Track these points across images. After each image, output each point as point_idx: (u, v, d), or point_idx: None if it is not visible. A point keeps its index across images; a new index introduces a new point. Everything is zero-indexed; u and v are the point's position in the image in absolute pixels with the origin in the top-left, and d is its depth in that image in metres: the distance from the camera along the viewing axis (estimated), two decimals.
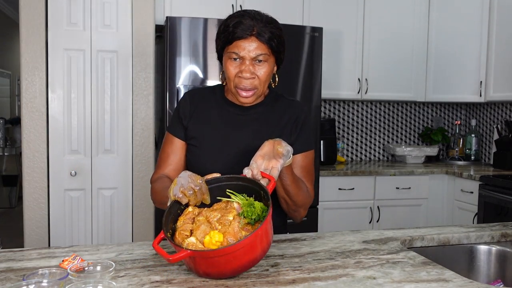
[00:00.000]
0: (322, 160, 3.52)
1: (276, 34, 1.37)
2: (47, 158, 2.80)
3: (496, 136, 3.68)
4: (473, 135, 3.91)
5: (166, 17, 2.84)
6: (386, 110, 4.08)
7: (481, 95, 3.57)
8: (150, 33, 2.92)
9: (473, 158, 3.90)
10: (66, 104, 2.80)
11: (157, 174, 1.50)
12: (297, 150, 1.42)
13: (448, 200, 3.48)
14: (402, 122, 4.13)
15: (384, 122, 4.08)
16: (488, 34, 3.52)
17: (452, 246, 1.51)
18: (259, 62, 1.37)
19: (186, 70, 2.81)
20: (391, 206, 3.40)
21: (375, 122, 4.06)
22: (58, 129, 2.80)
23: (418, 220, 3.45)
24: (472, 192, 3.22)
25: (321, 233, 1.51)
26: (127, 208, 2.93)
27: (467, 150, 3.94)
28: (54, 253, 1.28)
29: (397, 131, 4.12)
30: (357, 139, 4.03)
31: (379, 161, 4.04)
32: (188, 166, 1.49)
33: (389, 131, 4.10)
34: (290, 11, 3.35)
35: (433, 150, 3.84)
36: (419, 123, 4.17)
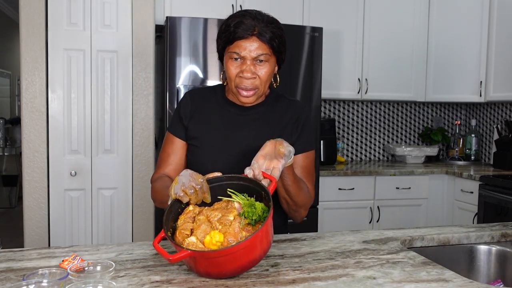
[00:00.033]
0: (322, 160, 3.52)
1: (277, 34, 1.37)
2: (47, 158, 2.80)
3: (496, 136, 3.68)
4: (473, 135, 3.91)
5: (166, 17, 2.84)
6: (386, 110, 4.08)
7: (481, 95, 3.57)
8: (150, 33, 2.92)
9: (473, 158, 3.90)
10: (66, 104, 2.80)
11: (157, 173, 1.50)
12: (298, 150, 1.41)
13: (448, 200, 3.48)
14: (402, 122, 4.13)
15: (384, 122, 4.08)
16: (488, 34, 3.52)
17: (452, 246, 1.51)
18: (260, 62, 1.37)
19: (186, 70, 2.81)
20: (391, 206, 3.40)
21: (375, 122, 4.06)
22: (58, 129, 2.80)
23: (418, 220, 3.45)
24: (472, 192, 3.22)
25: (321, 233, 1.51)
26: (127, 208, 2.93)
27: (467, 150, 3.94)
28: (54, 253, 1.28)
29: (397, 131, 4.12)
30: (357, 139, 4.03)
31: (379, 161, 4.04)
32: (188, 166, 1.48)
33: (389, 131, 4.10)
34: (290, 11, 3.35)
35: (433, 150, 3.84)
36: (419, 123, 4.18)
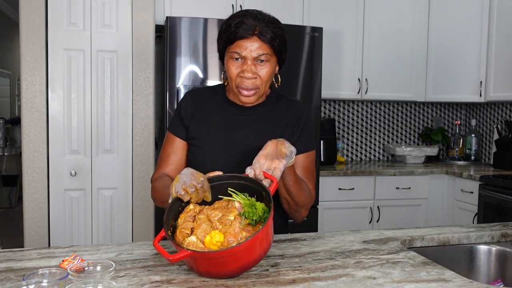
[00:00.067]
0: (322, 160, 3.52)
1: (278, 34, 1.37)
2: (47, 158, 2.80)
3: (496, 136, 3.68)
4: (473, 135, 3.91)
5: (166, 17, 2.84)
6: (386, 110, 4.08)
7: (481, 95, 3.57)
8: (150, 33, 2.92)
9: (473, 158, 3.90)
10: (66, 104, 2.80)
11: (157, 173, 1.50)
12: (298, 150, 1.41)
13: (448, 200, 3.48)
14: (402, 122, 4.13)
15: (384, 122, 4.08)
16: (488, 34, 3.52)
17: (452, 246, 1.50)
18: (261, 62, 1.37)
19: (186, 70, 2.81)
20: (391, 206, 3.40)
21: (375, 122, 4.06)
22: (58, 129, 2.80)
23: (418, 220, 3.45)
24: (472, 192, 3.22)
25: (321, 233, 1.51)
26: (127, 208, 2.93)
27: (467, 150, 3.94)
28: (54, 253, 1.28)
29: (397, 131, 4.12)
30: (357, 139, 4.03)
31: (379, 161, 4.04)
32: (189, 166, 1.48)
33: (389, 131, 4.10)
34: (290, 11, 3.35)
35: (433, 150, 3.84)
36: (419, 123, 4.17)
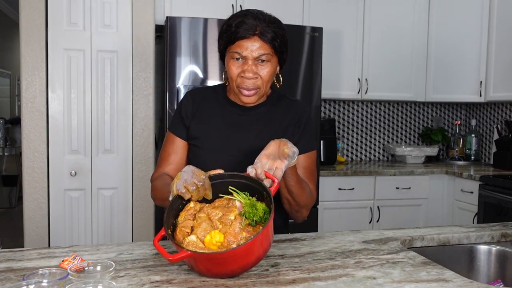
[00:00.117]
0: (322, 160, 3.52)
1: (279, 34, 1.37)
2: (47, 158, 2.80)
3: (496, 136, 3.68)
4: (473, 135, 3.91)
5: (166, 17, 2.84)
6: (386, 110, 4.08)
7: (481, 95, 3.57)
8: (150, 33, 2.92)
9: (473, 158, 3.90)
10: (66, 104, 2.80)
11: (157, 172, 1.50)
12: (299, 150, 1.40)
13: (448, 200, 3.48)
14: (402, 122, 4.13)
15: (384, 122, 4.08)
16: (488, 34, 3.52)
17: (452, 246, 1.50)
18: (262, 62, 1.36)
19: (186, 70, 2.81)
20: (391, 206, 3.40)
21: (375, 122, 4.06)
22: (58, 129, 2.80)
23: (418, 220, 3.45)
24: (472, 192, 3.21)
25: (321, 233, 1.51)
26: (127, 208, 2.93)
27: (467, 150, 3.94)
28: (54, 253, 1.28)
29: (397, 131, 4.12)
30: (357, 139, 4.03)
31: (379, 161, 4.04)
32: None
33: (389, 131, 4.10)
34: (290, 11, 3.35)
35: (433, 150, 3.84)
36: (419, 123, 4.17)
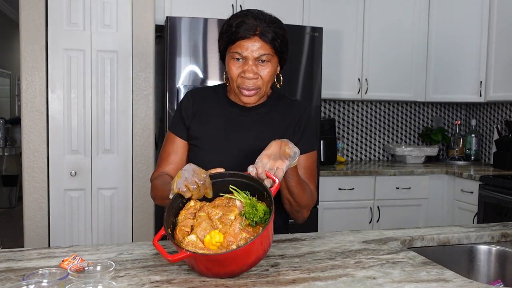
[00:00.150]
0: (322, 160, 3.52)
1: (279, 34, 1.36)
2: (47, 158, 2.80)
3: (496, 136, 3.68)
4: (473, 135, 3.91)
5: (166, 17, 2.84)
6: (386, 110, 4.08)
7: (481, 95, 3.57)
8: (150, 33, 2.92)
9: (473, 158, 3.90)
10: (66, 104, 2.80)
11: (157, 172, 1.49)
12: (300, 150, 1.40)
13: (448, 200, 3.48)
14: (402, 122, 4.13)
15: (384, 122, 4.08)
16: (488, 34, 3.52)
17: (452, 246, 1.50)
18: (262, 62, 1.36)
19: (186, 70, 2.81)
20: (391, 206, 3.40)
21: (375, 122, 4.06)
22: (58, 129, 2.80)
23: (418, 220, 3.45)
24: (472, 192, 3.21)
25: (321, 233, 1.51)
26: (127, 208, 2.93)
27: (467, 150, 3.94)
28: (54, 253, 1.28)
29: (397, 131, 4.12)
30: (357, 139, 4.03)
31: (379, 161, 4.04)
32: None
33: (389, 131, 4.10)
34: (290, 11, 3.35)
35: (433, 150, 3.84)
36: (419, 123, 4.17)
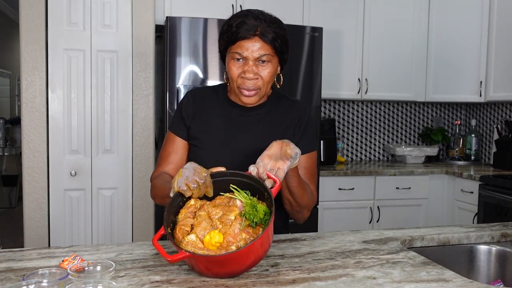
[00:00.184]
0: (322, 160, 3.52)
1: (279, 34, 1.36)
2: (47, 158, 2.80)
3: (496, 136, 3.68)
4: (473, 135, 3.91)
5: (166, 17, 2.84)
6: (386, 110, 4.08)
7: (481, 95, 3.57)
8: (150, 33, 2.92)
9: (473, 158, 3.90)
10: (66, 104, 2.80)
11: (157, 171, 1.49)
12: (300, 151, 1.41)
13: (448, 200, 3.48)
14: (402, 122, 4.13)
15: (384, 122, 4.08)
16: (488, 34, 3.52)
17: (452, 246, 1.50)
18: (263, 62, 1.36)
19: (186, 70, 2.81)
20: (391, 206, 3.40)
21: (375, 122, 4.06)
22: (58, 129, 2.80)
23: (418, 220, 3.45)
24: (472, 192, 3.21)
25: (321, 233, 1.51)
26: (127, 208, 2.93)
27: (467, 150, 3.94)
28: (54, 253, 1.28)
29: (397, 131, 4.12)
30: (357, 139, 4.03)
31: (379, 161, 4.04)
32: None
33: (389, 131, 4.10)
34: (290, 11, 3.35)
35: (433, 150, 3.84)
36: (419, 123, 4.17)
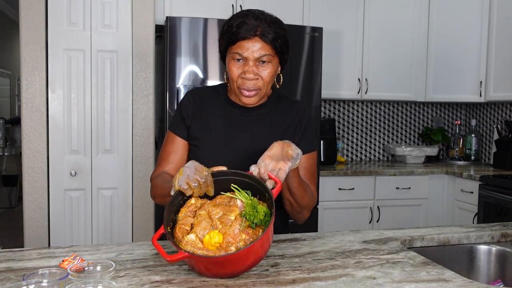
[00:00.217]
0: (322, 160, 3.52)
1: (280, 35, 1.36)
2: (47, 158, 2.80)
3: (496, 136, 3.68)
4: (473, 135, 3.91)
5: (166, 17, 2.84)
6: (386, 110, 4.08)
7: (481, 95, 3.57)
8: (150, 33, 2.92)
9: (473, 158, 3.90)
10: (66, 104, 2.80)
11: (157, 171, 1.49)
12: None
13: (448, 200, 3.48)
14: (402, 122, 4.13)
15: (384, 122, 4.08)
16: (488, 34, 3.52)
17: (452, 246, 1.50)
18: (263, 63, 1.36)
19: (186, 70, 2.81)
20: (391, 206, 3.40)
21: (375, 122, 4.06)
22: (58, 129, 2.80)
23: (418, 220, 3.45)
24: (472, 192, 3.22)
25: (321, 233, 1.51)
26: (127, 208, 2.93)
27: (467, 150, 3.94)
28: (54, 253, 1.28)
29: (397, 131, 4.12)
30: (357, 139, 4.03)
31: (379, 161, 4.04)
32: None
33: (389, 131, 4.10)
34: (290, 11, 3.35)
35: (433, 150, 3.84)
36: (419, 123, 4.17)
